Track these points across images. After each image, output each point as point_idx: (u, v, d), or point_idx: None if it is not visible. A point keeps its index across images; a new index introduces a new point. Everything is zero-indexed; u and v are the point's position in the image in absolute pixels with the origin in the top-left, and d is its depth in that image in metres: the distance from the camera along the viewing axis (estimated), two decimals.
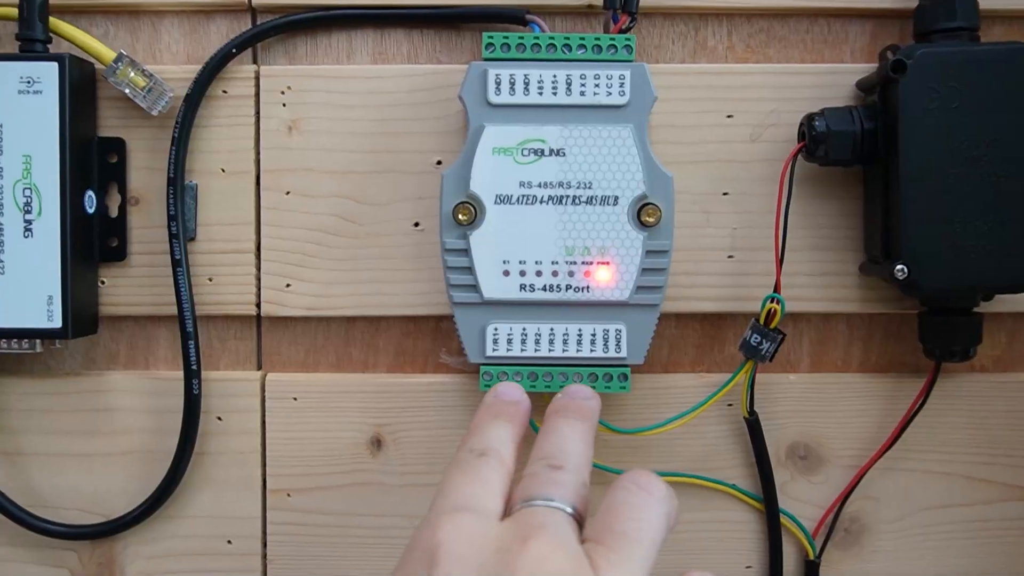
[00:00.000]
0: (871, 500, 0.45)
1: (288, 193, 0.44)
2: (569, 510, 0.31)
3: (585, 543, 0.30)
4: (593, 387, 0.41)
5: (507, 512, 0.31)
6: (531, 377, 0.41)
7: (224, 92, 0.44)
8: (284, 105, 0.44)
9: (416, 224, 0.44)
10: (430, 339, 0.45)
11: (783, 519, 0.44)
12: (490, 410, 0.36)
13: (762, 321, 0.42)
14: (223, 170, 0.44)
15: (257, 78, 0.44)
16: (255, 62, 0.45)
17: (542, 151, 0.41)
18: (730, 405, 0.44)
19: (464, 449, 0.34)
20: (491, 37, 0.41)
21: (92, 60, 0.43)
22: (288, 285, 0.44)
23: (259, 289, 0.44)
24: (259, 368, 0.45)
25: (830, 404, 0.45)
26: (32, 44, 0.42)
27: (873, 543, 0.45)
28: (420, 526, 0.31)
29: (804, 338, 0.45)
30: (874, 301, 0.44)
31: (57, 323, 0.42)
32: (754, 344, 0.42)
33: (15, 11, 0.42)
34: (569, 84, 0.41)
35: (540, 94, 0.41)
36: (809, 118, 0.41)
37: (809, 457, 0.45)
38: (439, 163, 0.44)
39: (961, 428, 0.45)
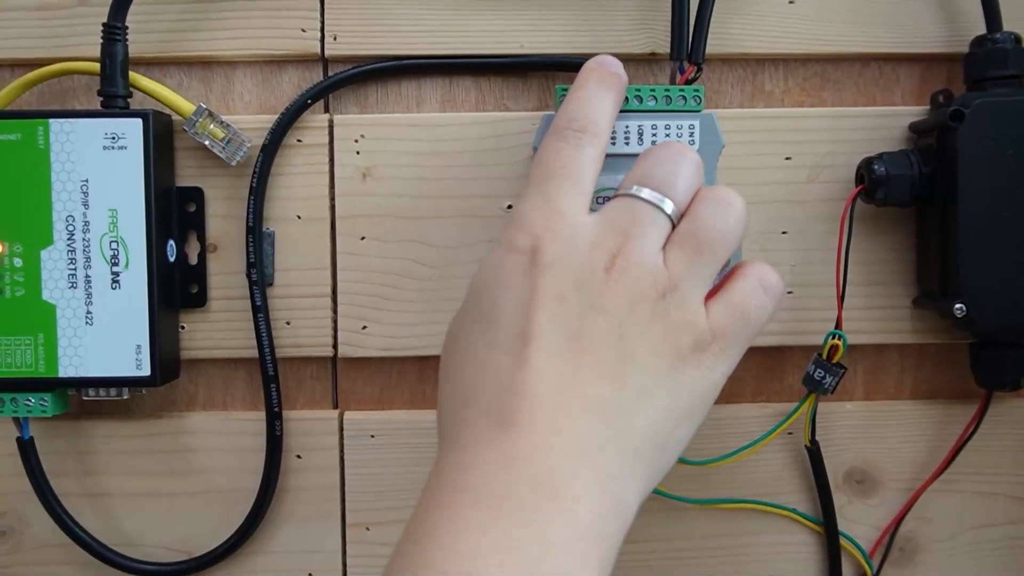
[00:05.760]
0: (924, 520, 0.47)
1: (363, 238, 0.45)
2: (669, 210, 0.34)
3: (668, 247, 0.34)
4: None
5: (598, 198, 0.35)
6: None
7: (299, 141, 0.45)
8: (358, 153, 0.45)
9: None
10: None
11: (842, 540, 0.46)
12: (593, 74, 0.37)
13: (824, 356, 0.44)
14: (299, 217, 0.45)
15: (331, 127, 0.45)
16: (327, 111, 0.46)
17: None
18: (790, 434, 0.46)
19: (565, 118, 0.36)
20: (565, 89, 0.42)
21: (170, 112, 0.44)
22: (364, 327, 0.46)
23: (335, 331, 0.46)
24: (335, 407, 0.47)
25: (884, 431, 0.47)
26: (114, 100, 0.43)
27: (926, 561, 0.47)
28: (514, 221, 0.34)
29: (859, 368, 0.47)
30: (925, 332, 0.46)
31: (146, 371, 0.43)
32: (817, 378, 0.44)
33: (97, 66, 0.43)
34: (641, 134, 0.42)
35: (613, 144, 0.42)
36: (868, 162, 0.43)
37: (865, 481, 0.47)
38: (509, 207, 0.45)
39: (1007, 451, 0.47)
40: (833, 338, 0.43)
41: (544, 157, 0.35)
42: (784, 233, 0.46)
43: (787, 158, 0.45)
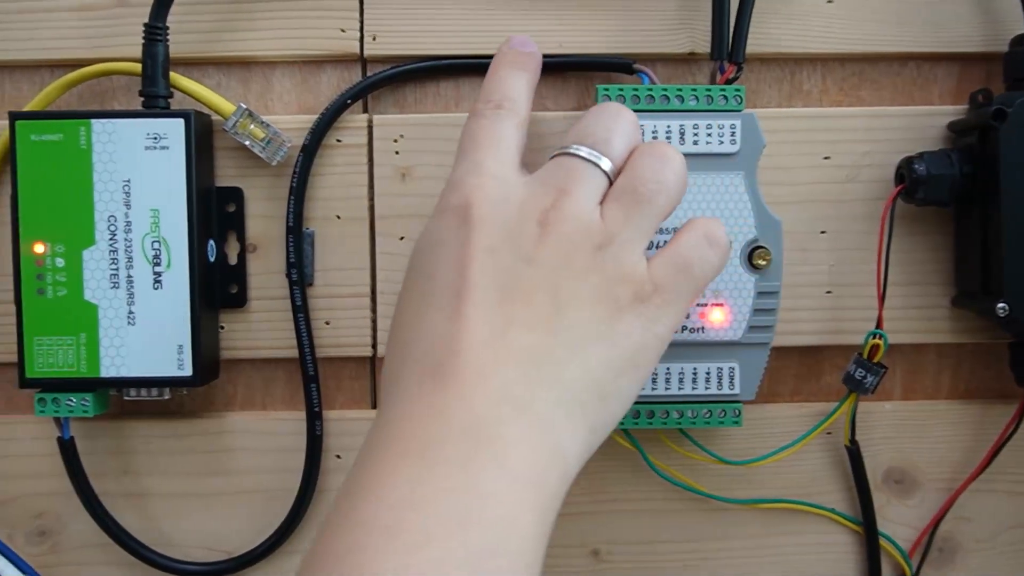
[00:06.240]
0: (963, 520, 0.47)
1: (402, 238, 0.45)
2: (605, 167, 0.35)
3: (605, 201, 0.34)
4: (707, 423, 0.43)
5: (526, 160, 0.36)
6: (648, 415, 0.43)
7: (338, 141, 0.45)
8: (397, 153, 0.45)
9: None
10: None
11: (881, 540, 0.46)
12: (505, 58, 0.39)
13: (865, 355, 0.44)
14: (338, 217, 0.45)
15: (370, 127, 0.45)
16: (365, 111, 0.46)
17: None
18: (829, 433, 0.46)
19: (482, 100, 0.37)
20: (606, 89, 0.42)
21: (210, 113, 0.44)
22: None
23: (375, 331, 0.46)
24: (374, 407, 0.47)
25: (923, 430, 0.47)
26: (155, 100, 0.43)
27: (966, 561, 0.47)
28: (448, 187, 0.35)
29: (897, 368, 0.47)
30: (963, 332, 0.46)
31: (187, 371, 0.43)
32: (858, 378, 0.44)
33: (138, 67, 0.43)
34: (682, 134, 0.42)
35: None
36: (908, 161, 0.43)
37: (904, 481, 0.47)
38: None
39: None
40: (874, 337, 0.43)
41: (468, 131, 0.36)
42: (823, 233, 0.46)
43: (825, 158, 0.45)
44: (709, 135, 0.42)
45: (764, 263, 0.42)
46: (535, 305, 0.32)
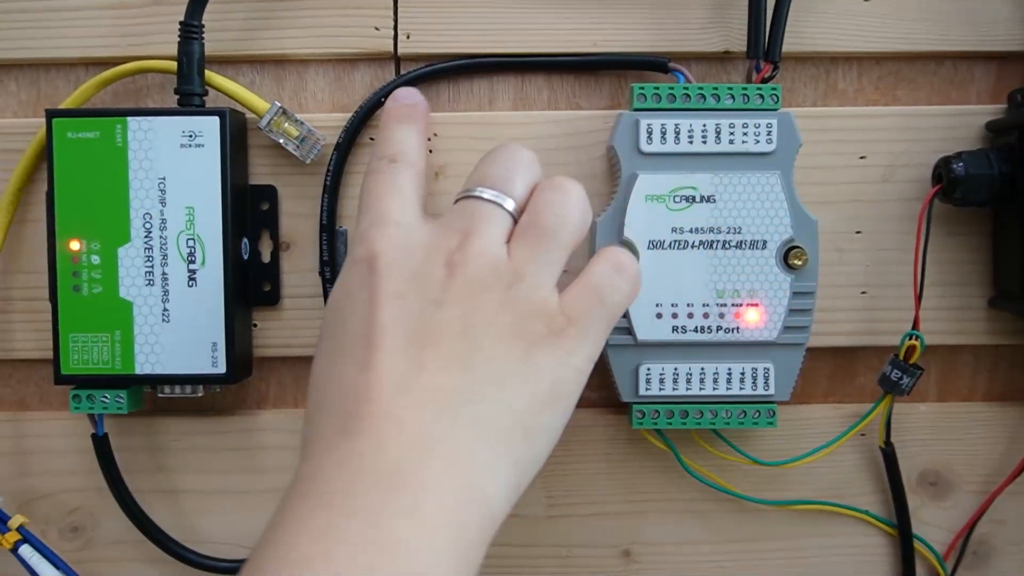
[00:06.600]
0: (999, 523, 0.47)
1: None
2: (508, 207, 0.35)
3: (511, 240, 0.34)
4: (741, 423, 0.43)
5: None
6: (682, 415, 0.43)
7: (372, 139, 0.45)
8: (430, 151, 0.45)
9: None
10: None
11: (915, 543, 0.46)
12: (392, 114, 0.39)
13: (901, 357, 0.43)
14: None
15: None
16: None
17: (693, 198, 0.42)
18: (863, 435, 0.46)
19: (376, 157, 0.38)
20: (642, 88, 0.42)
21: (244, 111, 0.44)
22: None
23: None
24: None
25: (958, 432, 0.46)
26: (190, 98, 0.43)
27: (1001, 564, 0.47)
28: (352, 242, 0.35)
29: (932, 369, 0.47)
30: (1000, 333, 0.46)
31: (221, 368, 0.43)
32: (894, 379, 0.43)
33: (173, 64, 0.43)
34: (718, 133, 0.42)
35: (690, 143, 0.42)
36: (946, 161, 0.43)
37: (939, 483, 0.47)
38: None
39: None
40: (910, 339, 0.43)
41: (366, 188, 0.37)
42: (858, 233, 0.45)
43: (861, 157, 0.45)
44: (745, 134, 0.42)
45: (800, 263, 0.42)
46: (447, 347, 0.32)
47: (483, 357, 0.32)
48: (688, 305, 0.42)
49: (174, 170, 0.43)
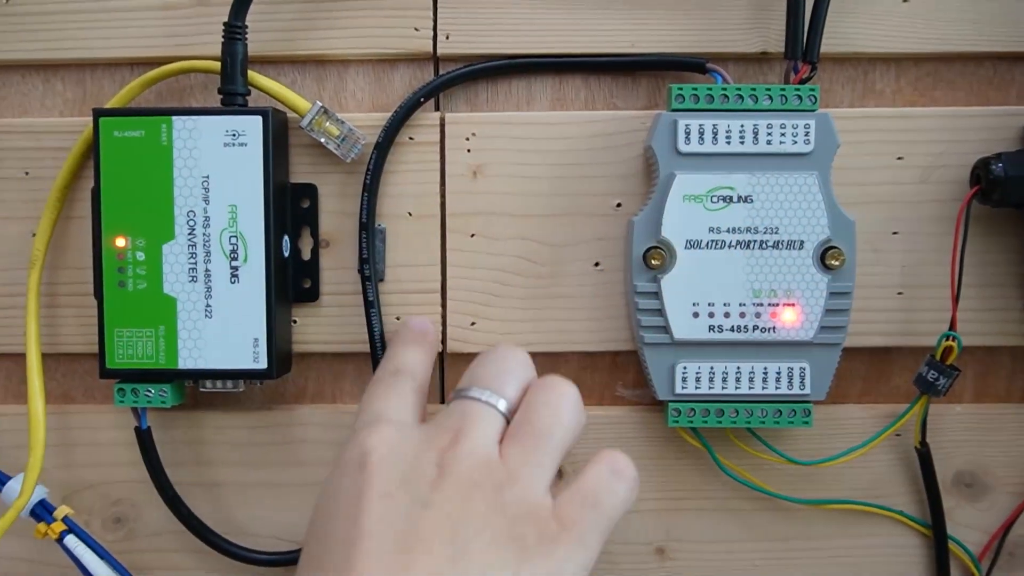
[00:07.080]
0: None
1: (473, 235, 0.46)
2: (501, 407, 0.34)
3: (504, 441, 0.33)
4: (776, 423, 0.43)
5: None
6: (717, 413, 0.43)
7: (411, 139, 0.46)
8: (469, 151, 0.46)
9: (596, 264, 0.46)
10: (607, 373, 0.47)
11: (950, 544, 0.46)
12: (401, 337, 0.39)
13: (938, 357, 0.43)
14: (410, 214, 0.46)
15: (442, 125, 0.46)
16: (437, 109, 0.46)
17: (731, 198, 0.42)
18: (898, 435, 0.46)
19: (380, 369, 0.38)
20: (680, 89, 0.42)
21: (286, 110, 0.45)
22: (473, 323, 0.46)
23: (444, 327, 0.46)
24: (443, 402, 0.48)
25: (994, 434, 0.46)
26: (234, 97, 0.44)
27: None
28: (346, 441, 0.34)
29: (968, 370, 0.47)
30: None
31: (263, 364, 0.44)
32: (930, 380, 0.43)
33: (217, 64, 0.44)
34: (756, 133, 0.42)
35: (728, 143, 0.42)
36: (985, 162, 0.43)
37: (975, 485, 0.47)
38: (619, 205, 0.46)
39: None
40: (947, 339, 0.43)
41: (367, 394, 0.37)
42: (895, 234, 0.45)
43: (899, 158, 0.45)
44: (783, 135, 0.42)
45: (837, 263, 0.42)
46: (434, 551, 0.30)
47: (472, 565, 0.30)
48: (725, 304, 0.43)
49: (217, 168, 0.43)
